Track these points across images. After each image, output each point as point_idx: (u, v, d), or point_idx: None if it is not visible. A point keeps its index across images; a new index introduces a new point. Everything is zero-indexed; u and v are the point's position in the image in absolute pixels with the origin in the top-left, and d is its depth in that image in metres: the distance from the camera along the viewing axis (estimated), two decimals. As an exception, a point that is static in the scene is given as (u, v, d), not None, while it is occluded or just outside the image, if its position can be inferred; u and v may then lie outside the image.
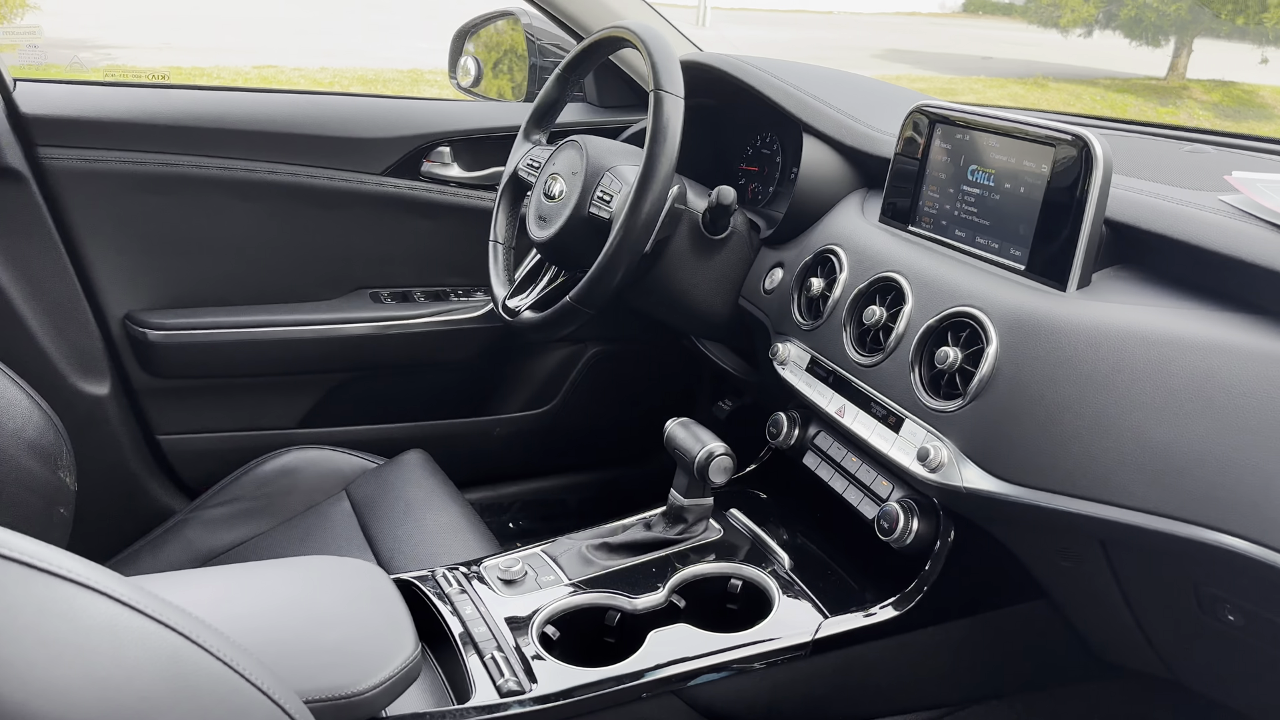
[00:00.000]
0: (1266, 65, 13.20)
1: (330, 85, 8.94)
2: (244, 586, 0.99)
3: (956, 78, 11.55)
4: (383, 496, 1.47)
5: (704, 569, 1.16)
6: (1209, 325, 0.90)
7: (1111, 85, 12.08)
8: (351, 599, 1.00)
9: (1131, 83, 12.45)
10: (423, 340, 1.79)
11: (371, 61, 10.06)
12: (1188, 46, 13.28)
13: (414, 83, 9.16)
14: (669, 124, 1.28)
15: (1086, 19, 14.58)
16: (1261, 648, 0.93)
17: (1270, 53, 13.59)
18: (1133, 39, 13.90)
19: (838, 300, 1.23)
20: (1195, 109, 11.59)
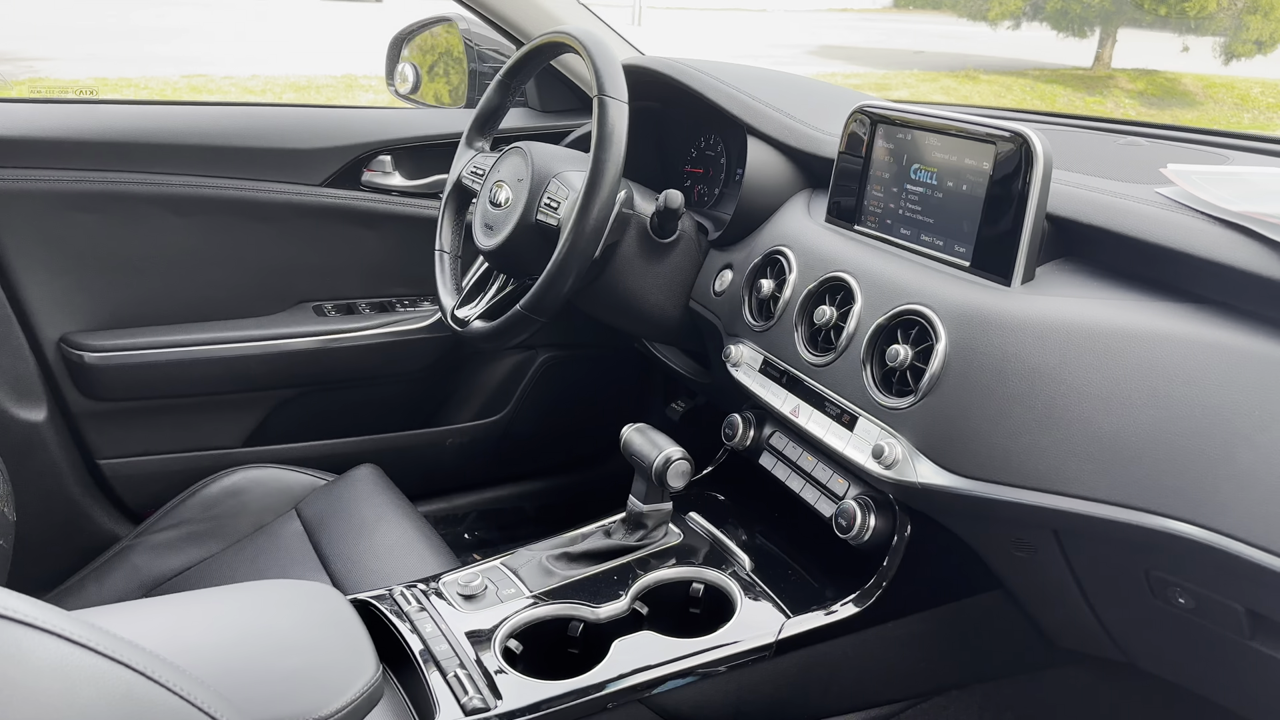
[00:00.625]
0: (1188, 53, 13.59)
1: (262, 93, 8.79)
2: (197, 615, 0.97)
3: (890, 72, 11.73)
4: (334, 514, 1.45)
5: (665, 574, 1.16)
6: (1151, 316, 0.92)
7: (1040, 76, 12.35)
8: (308, 623, 0.98)
9: (1060, 73, 12.74)
10: (370, 353, 1.76)
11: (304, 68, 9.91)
12: (1112, 37, 13.62)
13: (348, 88, 9.04)
14: (614, 129, 1.27)
15: (1014, 11, 14.88)
16: (1211, 629, 0.95)
17: (1191, 41, 13.99)
18: (1059, 30, 14.23)
19: (788, 301, 1.23)
20: (1122, 98, 11.90)
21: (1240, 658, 0.95)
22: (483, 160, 1.53)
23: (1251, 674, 0.98)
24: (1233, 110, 12.06)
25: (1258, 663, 0.94)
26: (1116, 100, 11.77)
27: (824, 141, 1.34)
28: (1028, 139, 0.99)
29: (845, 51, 14.02)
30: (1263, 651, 0.92)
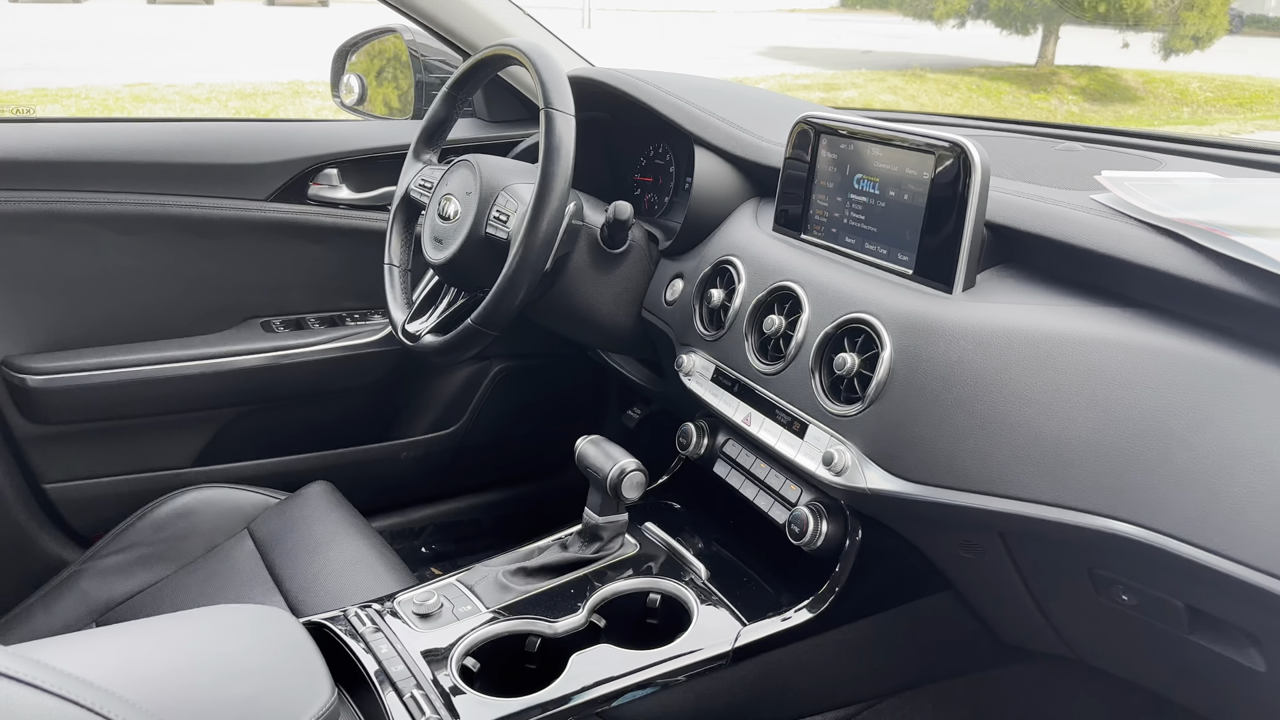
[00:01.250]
0: (1128, 50, 13.88)
1: (208, 101, 8.66)
2: (146, 645, 0.95)
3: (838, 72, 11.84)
4: (287, 533, 1.43)
5: (622, 586, 1.17)
6: (1088, 321, 0.95)
7: (986, 74, 12.55)
8: (261, 649, 0.97)
9: (1005, 70, 12.96)
10: (320, 368, 1.75)
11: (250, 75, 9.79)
12: (1055, 34, 13.88)
13: (295, 94, 8.94)
14: (561, 142, 1.27)
15: (959, 10, 15.10)
16: (1153, 624, 0.98)
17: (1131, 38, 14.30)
18: (1003, 28, 14.46)
19: (738, 310, 1.24)
20: (1065, 94, 12.12)
21: (1181, 651, 0.98)
22: (431, 173, 1.52)
23: (1192, 667, 1.01)
24: (1172, 105, 12.35)
25: (1198, 656, 0.96)
26: (1060, 97, 11.99)
27: (770, 151, 1.36)
28: (965, 149, 1.01)
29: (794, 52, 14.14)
30: (1202, 645, 0.94)
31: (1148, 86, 13.03)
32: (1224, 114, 11.89)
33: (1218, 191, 1.02)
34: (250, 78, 9.72)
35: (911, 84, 11.58)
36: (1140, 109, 12.22)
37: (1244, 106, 12.24)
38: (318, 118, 2.01)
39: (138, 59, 10.64)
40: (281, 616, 1.03)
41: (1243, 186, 1.04)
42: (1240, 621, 0.90)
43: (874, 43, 15.64)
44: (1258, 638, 0.89)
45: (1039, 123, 1.54)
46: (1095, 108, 11.84)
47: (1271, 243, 0.84)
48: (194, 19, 15.08)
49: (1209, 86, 12.92)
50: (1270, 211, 0.96)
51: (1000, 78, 12.42)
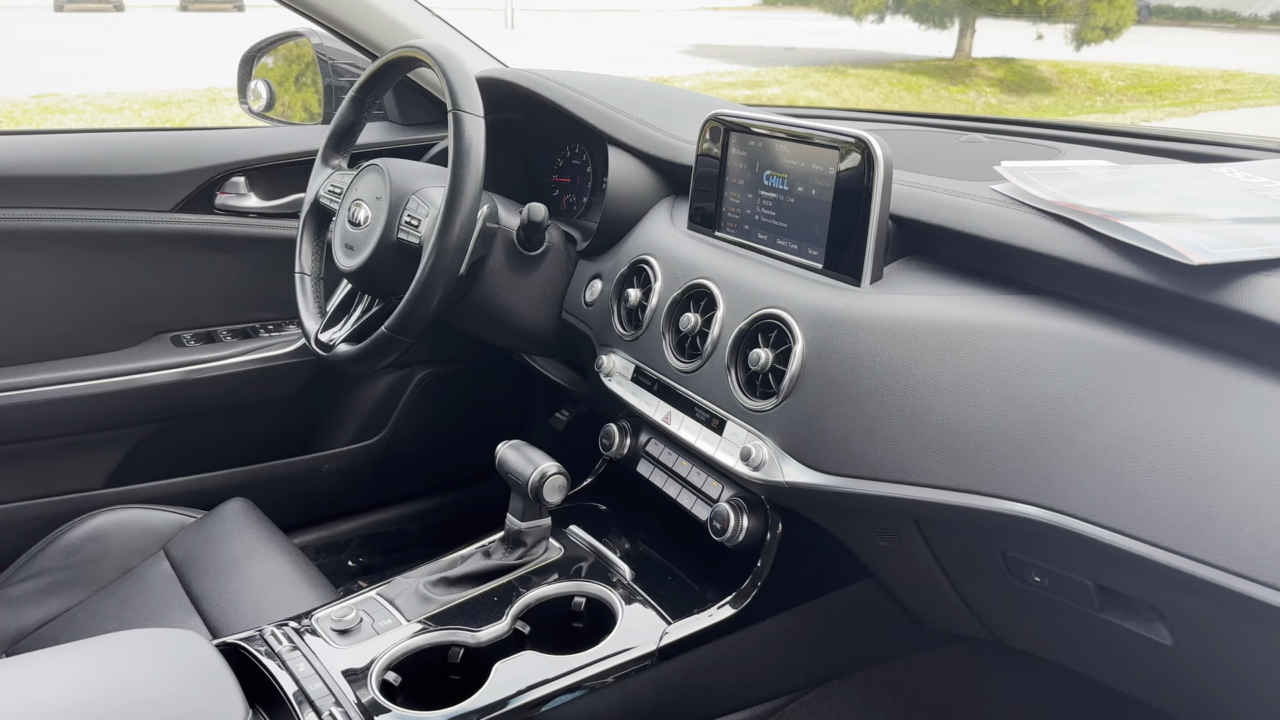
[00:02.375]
0: (1043, 41, 14.26)
1: (120, 111, 8.42)
2: (54, 675, 0.92)
3: (762, 69, 11.95)
4: (204, 553, 1.39)
5: (546, 591, 1.16)
6: (991, 309, 0.96)
7: (906, 68, 12.78)
8: (171, 674, 0.95)
9: (924, 64, 13.21)
10: (234, 381, 1.71)
11: (164, 82, 9.54)
12: (971, 27, 14.20)
13: (211, 101, 8.74)
14: (471, 144, 1.26)
15: (877, 6, 15.36)
16: (1065, 604, 1.00)
17: (1044, 29, 14.69)
18: (921, 23, 14.76)
19: (655, 309, 1.24)
20: (983, 86, 12.40)
21: (1094, 629, 1.00)
22: (340, 178, 1.50)
23: (1105, 643, 1.03)
24: (1086, 95, 12.72)
25: (1109, 632, 0.99)
26: (979, 89, 12.26)
27: (683, 149, 1.36)
28: (868, 144, 1.02)
29: (718, 50, 14.23)
30: (1112, 622, 0.97)
31: (1062, 77, 13.39)
32: (1135, 102, 12.27)
33: (1113, 178, 1.05)
34: (165, 85, 9.48)
35: (834, 80, 11.73)
36: (1055, 99, 12.56)
37: (1153, 94, 12.65)
38: (231, 125, 1.96)
39: (47, 68, 10.29)
40: (193, 639, 1.00)
41: (1137, 173, 1.07)
42: (1147, 598, 0.92)
43: (796, 39, 15.82)
44: (1163, 613, 0.92)
45: (943, 115, 1.56)
46: (1012, 99, 12.13)
47: (1161, 227, 0.86)
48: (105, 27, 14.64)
49: (1120, 76, 13.33)
50: (1161, 196, 0.98)
51: (920, 71, 12.65)
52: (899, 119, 1.62)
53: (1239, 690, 0.95)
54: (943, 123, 1.53)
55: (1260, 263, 0.82)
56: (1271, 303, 0.79)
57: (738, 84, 10.88)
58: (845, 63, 12.61)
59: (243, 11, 16.99)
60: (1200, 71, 13.42)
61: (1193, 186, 1.01)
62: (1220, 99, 12.17)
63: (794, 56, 13.58)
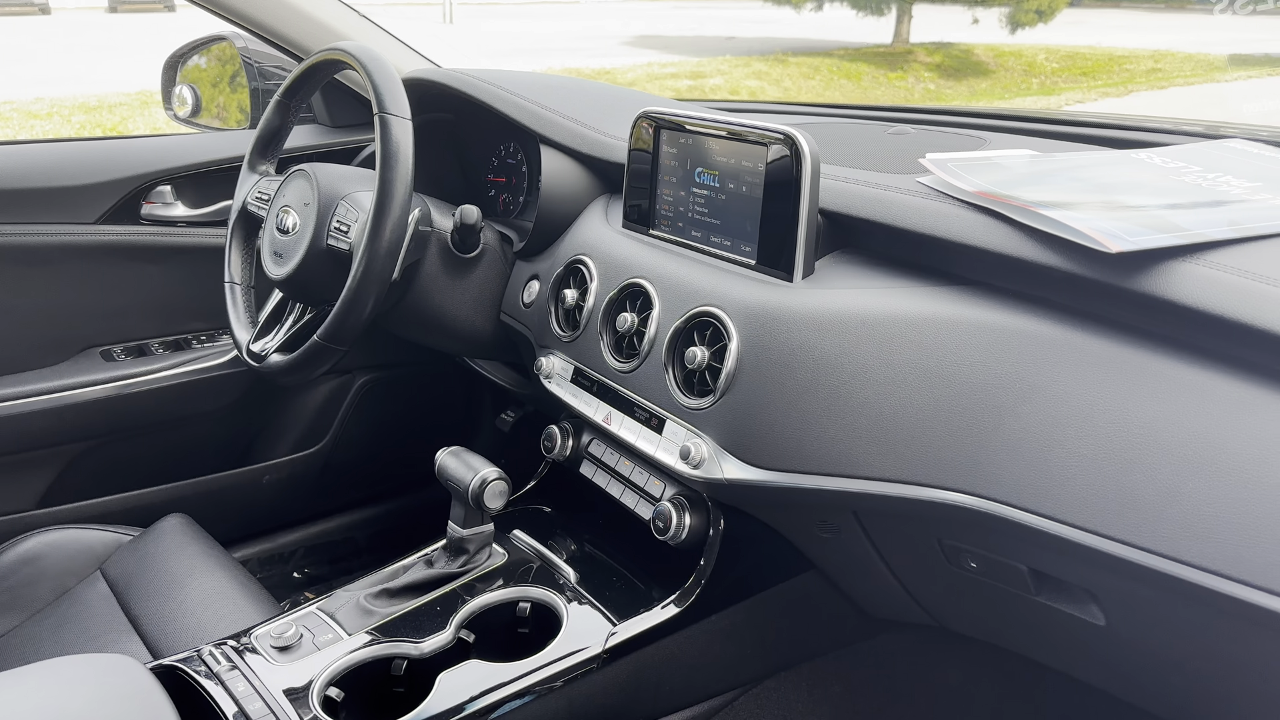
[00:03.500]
0: (978, 25, 14.45)
1: (49, 117, 8.19)
2: (-21, 707, 0.90)
3: (704, 59, 11.96)
4: (142, 571, 1.37)
5: (490, 598, 1.15)
6: (920, 301, 0.97)
7: (845, 55, 12.87)
8: (104, 701, 0.93)
9: (863, 51, 13.32)
10: (168, 395, 1.67)
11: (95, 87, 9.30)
12: (908, 13, 14.34)
13: (144, 105, 8.53)
14: (399, 147, 1.24)
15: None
16: (1002, 588, 1.01)
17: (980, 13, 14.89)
18: (859, 10, 14.88)
19: (591, 310, 1.24)
20: (921, 71, 12.54)
21: (1030, 612, 1.02)
22: (268, 185, 1.47)
23: (1041, 625, 1.05)
24: (1022, 77, 12.91)
25: (1045, 615, 1.00)
26: (917, 75, 12.40)
27: (616, 147, 1.35)
28: (795, 139, 1.02)
29: (659, 41, 14.22)
30: (1048, 605, 0.98)
31: (998, 60, 13.58)
32: (1069, 83, 12.49)
33: (1035, 168, 1.06)
34: (95, 89, 9.24)
35: (775, 69, 11.78)
36: (992, 82, 12.73)
37: (1087, 76, 12.88)
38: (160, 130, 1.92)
39: (-35, 74, 9.98)
40: (127, 664, 0.98)
41: (1059, 162, 1.09)
42: (1079, 580, 0.94)
43: (737, 29, 15.86)
44: (1096, 595, 0.93)
45: (872, 106, 1.58)
46: (950, 84, 12.28)
47: (1081, 215, 0.88)
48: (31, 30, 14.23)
49: (1054, 58, 13.55)
50: (1082, 185, 1.00)
51: (859, 58, 12.76)
52: (829, 111, 1.63)
53: (1171, 667, 0.97)
54: (872, 114, 1.54)
55: (1178, 248, 0.83)
56: (1188, 288, 0.80)
57: (680, 75, 10.88)
58: (786, 51, 12.66)
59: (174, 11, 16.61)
60: (1131, 52, 13.70)
61: (1113, 174, 1.03)
62: (1151, 79, 12.44)
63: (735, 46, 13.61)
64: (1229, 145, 1.11)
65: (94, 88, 9.32)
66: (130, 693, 0.94)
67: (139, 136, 1.82)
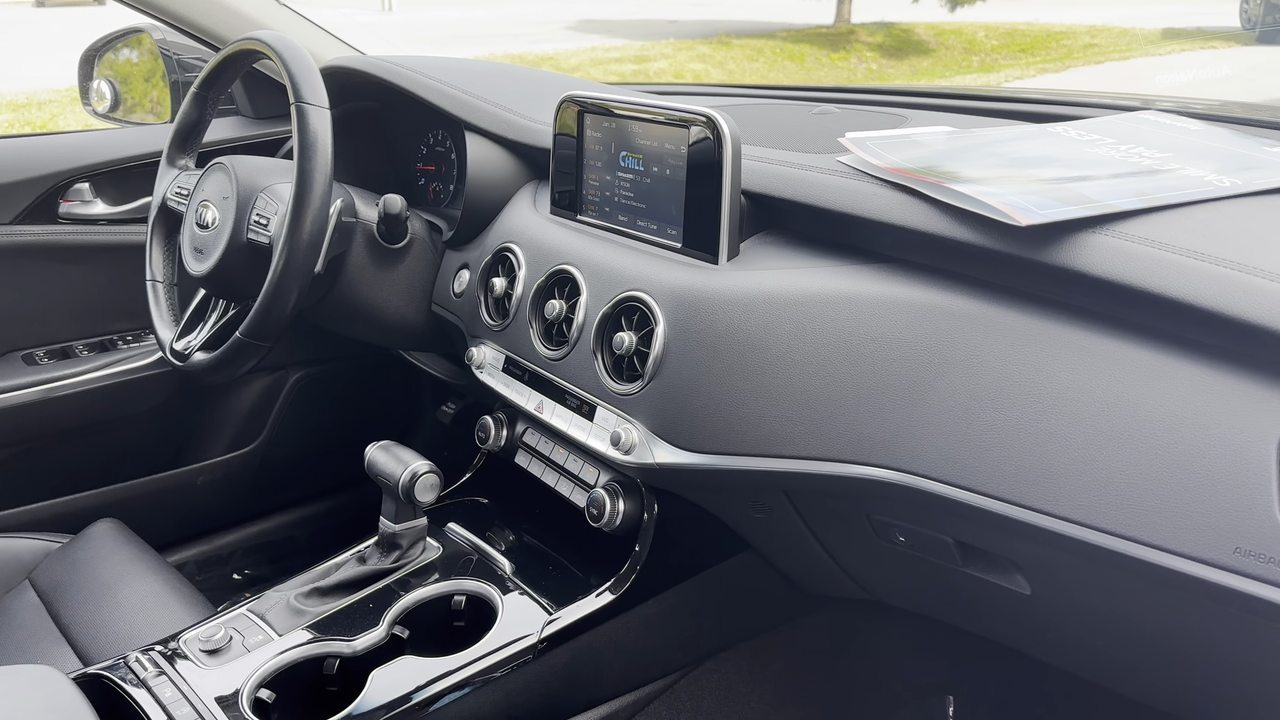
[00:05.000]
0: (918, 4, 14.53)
1: (-28, 114, 7.94)
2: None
3: (648, 43, 11.91)
4: (72, 579, 1.34)
5: (424, 592, 1.14)
6: (840, 280, 0.98)
7: (788, 37, 12.89)
8: (23, 714, 0.90)
9: (806, 32, 13.34)
10: (95, 397, 1.63)
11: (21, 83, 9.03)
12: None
13: (74, 102, 8.30)
14: (316, 137, 1.22)
15: (757, -26, 15.42)
16: (931, 561, 1.03)
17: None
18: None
19: (520, 298, 1.23)
20: (864, 51, 12.61)
21: (959, 583, 1.03)
22: (187, 179, 1.44)
23: (971, 596, 1.07)
24: (963, 55, 13.03)
25: (973, 586, 1.02)
26: (860, 55, 12.46)
27: (541, 132, 1.34)
28: (715, 121, 1.02)
29: (602, 25, 14.13)
30: (975, 575, 1.00)
31: (939, 38, 13.69)
32: (1009, 60, 12.62)
33: (951, 144, 1.07)
34: (23, 86, 8.97)
35: (719, 51, 11.76)
36: (934, 61, 12.83)
37: (1026, 52, 13.03)
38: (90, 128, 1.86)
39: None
40: (48, 675, 0.96)
41: (975, 137, 1.10)
42: (1003, 551, 0.95)
43: (679, 11, 15.80)
44: (1020, 564, 0.95)
45: (798, 87, 1.58)
46: (892, 63, 12.36)
47: (992, 189, 0.88)
48: (-43, 26, 13.78)
49: (994, 35, 13.68)
50: (997, 159, 1.01)
51: (802, 40, 12.78)
52: (756, 93, 1.63)
53: (1096, 632, 0.99)
54: (798, 94, 1.54)
55: (1087, 220, 0.84)
56: (1097, 258, 0.81)
57: (624, 59, 10.82)
58: (729, 33, 12.64)
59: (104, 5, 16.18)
60: (1069, 28, 13.88)
61: (1027, 148, 1.04)
62: (1088, 54, 12.62)
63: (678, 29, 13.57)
64: (1142, 117, 1.13)
65: (21, 85, 9.06)
66: (52, 704, 0.92)
67: (54, 133, 1.77)
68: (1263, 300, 0.73)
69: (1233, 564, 0.74)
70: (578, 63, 10.29)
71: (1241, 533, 0.73)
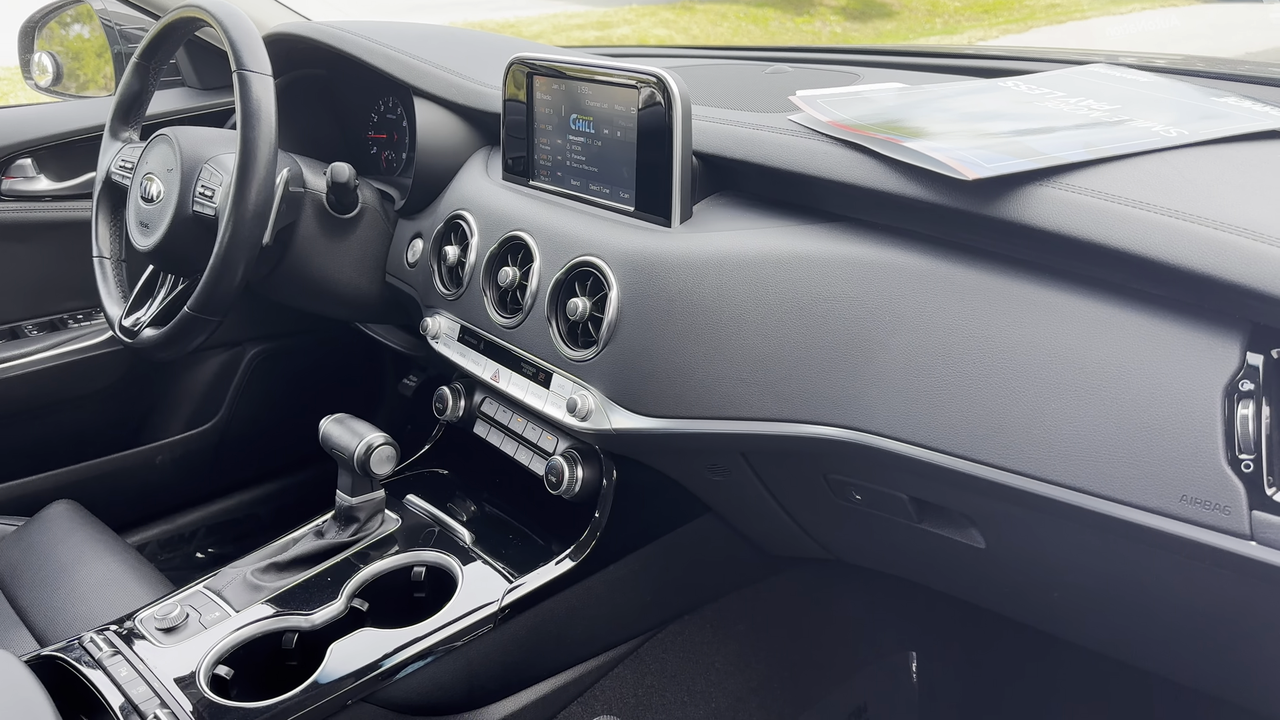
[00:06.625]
0: (882, -32, 14.44)
1: (-85, 93, 7.72)
2: None
3: (610, 10, 11.77)
4: (28, 561, 1.32)
5: (383, 565, 1.13)
6: (793, 240, 0.97)
7: (752, 1, 12.80)
8: (-27, 698, 0.89)
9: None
10: (46, 378, 1.60)
11: (-34, 59, 8.78)
12: (813, -44, 14.26)
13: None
14: (259, 105, 1.19)
15: (719, -61, 15.27)
16: (887, 518, 1.03)
17: (883, -46, 14.86)
18: (764, -47, 14.74)
19: (474, 266, 1.21)
20: (827, 15, 12.54)
21: (916, 539, 1.04)
22: (131, 152, 1.40)
23: (928, 551, 1.07)
24: (926, 18, 12.99)
25: (930, 541, 1.02)
26: (823, 19, 12.40)
27: (492, 96, 1.32)
28: (665, 81, 1.00)
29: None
30: (931, 531, 1.00)
31: (903, 1, 13.64)
32: (971, 22, 12.60)
33: (901, 99, 1.06)
34: (-32, 62, 8.73)
35: (682, 16, 11.65)
36: (897, 24, 12.79)
37: (989, 13, 13.01)
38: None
39: None
40: (1, 659, 0.94)
41: (925, 93, 1.09)
42: (957, 506, 0.96)
43: (643, -24, 15.65)
44: (974, 519, 0.96)
45: (752, 47, 1.56)
46: (857, 26, 12.30)
47: (939, 144, 0.88)
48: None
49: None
50: (946, 114, 1.00)
51: (765, 4, 12.68)
52: (710, 53, 1.61)
53: (1050, 584, 1.00)
54: (751, 55, 1.53)
55: (1034, 173, 0.84)
56: (1043, 211, 0.81)
57: (586, 25, 10.69)
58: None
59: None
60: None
61: (976, 102, 1.03)
62: (1050, 14, 12.62)
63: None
64: (1092, 70, 1.13)
65: (-33, 61, 8.81)
66: (3, 688, 0.90)
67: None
68: (1208, 249, 0.73)
69: (1179, 511, 0.75)
70: (540, 30, 10.16)
71: (1188, 480, 0.74)
